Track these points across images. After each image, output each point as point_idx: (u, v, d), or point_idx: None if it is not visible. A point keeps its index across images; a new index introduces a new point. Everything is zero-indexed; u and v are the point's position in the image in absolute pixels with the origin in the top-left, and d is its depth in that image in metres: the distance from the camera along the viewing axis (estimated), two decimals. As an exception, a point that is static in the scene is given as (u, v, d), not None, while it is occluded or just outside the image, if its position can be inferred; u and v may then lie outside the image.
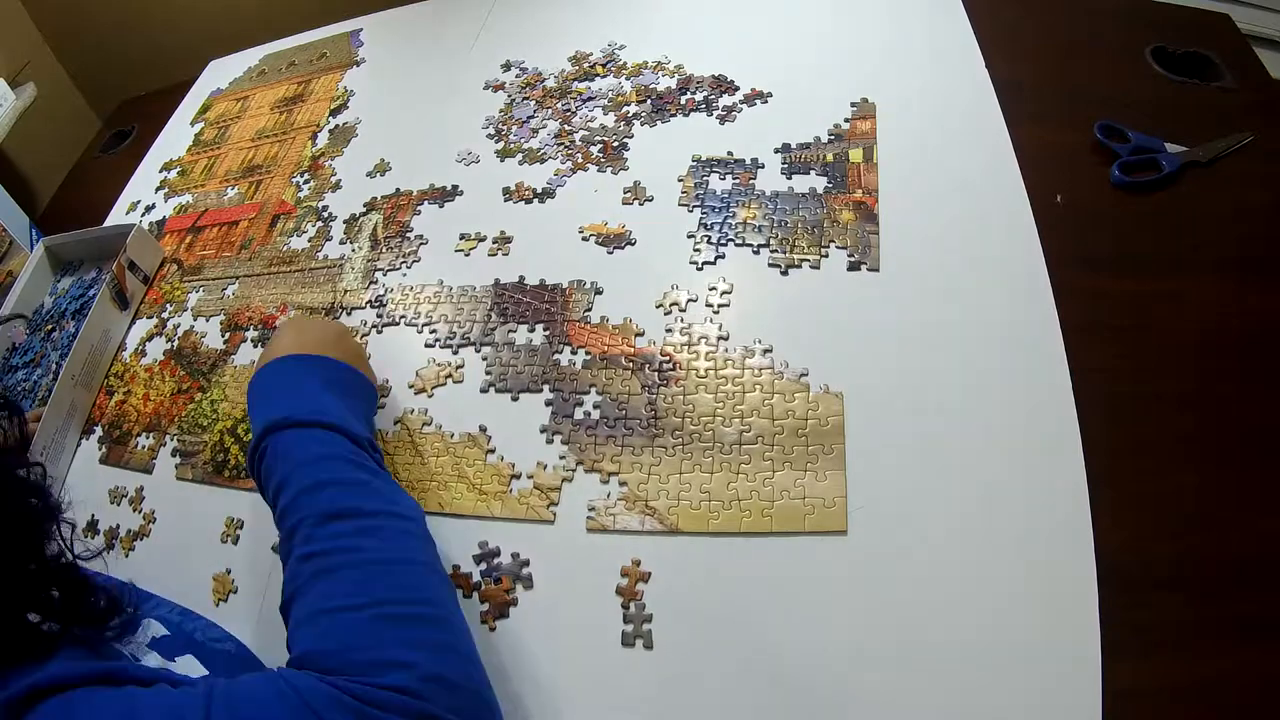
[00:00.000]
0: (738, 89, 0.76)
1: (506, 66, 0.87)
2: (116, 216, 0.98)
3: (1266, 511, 0.48)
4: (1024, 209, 0.60)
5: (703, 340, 0.59)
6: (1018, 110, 0.66)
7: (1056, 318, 0.54)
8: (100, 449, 0.75)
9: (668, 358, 0.59)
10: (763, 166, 0.69)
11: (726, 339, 0.59)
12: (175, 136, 1.07)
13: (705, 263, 0.63)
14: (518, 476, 0.57)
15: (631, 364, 0.59)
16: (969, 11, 0.75)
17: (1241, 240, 0.61)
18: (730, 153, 0.71)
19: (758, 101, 0.74)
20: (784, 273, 0.61)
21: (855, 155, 0.67)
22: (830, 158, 0.67)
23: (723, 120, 0.73)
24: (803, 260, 0.61)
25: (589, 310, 0.63)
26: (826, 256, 0.61)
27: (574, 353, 0.61)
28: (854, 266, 0.60)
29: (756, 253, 0.63)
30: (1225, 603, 0.45)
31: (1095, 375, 0.52)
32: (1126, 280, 0.59)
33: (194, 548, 0.63)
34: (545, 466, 0.57)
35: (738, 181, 0.68)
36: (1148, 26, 0.75)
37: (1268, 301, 0.57)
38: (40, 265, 0.89)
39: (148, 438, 0.73)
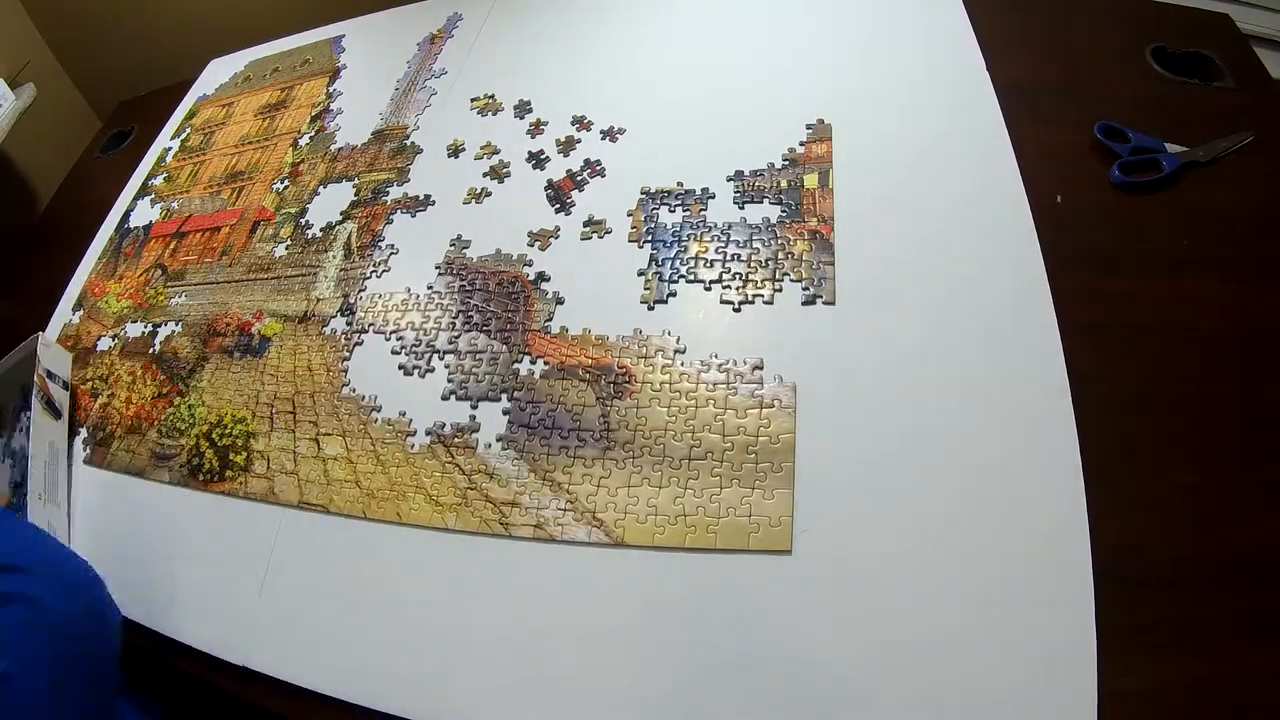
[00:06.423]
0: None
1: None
2: (114, 218, 1.05)
3: (1265, 511, 0.50)
4: (1023, 209, 0.62)
5: (659, 353, 0.62)
6: (1018, 110, 0.68)
7: (1055, 318, 0.56)
8: (85, 450, 0.81)
9: (624, 370, 0.62)
10: (714, 196, 0.70)
11: (683, 352, 0.61)
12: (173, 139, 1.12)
13: (656, 301, 0.65)
14: (473, 488, 0.60)
15: (589, 375, 0.62)
16: (969, 11, 0.76)
17: (1241, 240, 0.62)
18: (680, 183, 0.72)
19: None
20: (736, 309, 0.63)
21: (810, 181, 0.68)
22: (784, 184, 0.68)
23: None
24: (756, 295, 0.63)
25: (549, 320, 0.67)
26: (780, 291, 0.62)
27: (533, 362, 0.65)
28: (809, 301, 0.61)
29: (709, 289, 0.64)
30: (1223, 603, 0.47)
31: (1094, 375, 0.54)
32: (1126, 280, 0.60)
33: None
34: (498, 479, 0.60)
35: (688, 214, 0.69)
36: (1148, 26, 0.76)
37: (1268, 301, 0.58)
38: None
39: (127, 439, 0.78)
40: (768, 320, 0.62)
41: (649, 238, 0.69)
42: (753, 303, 0.63)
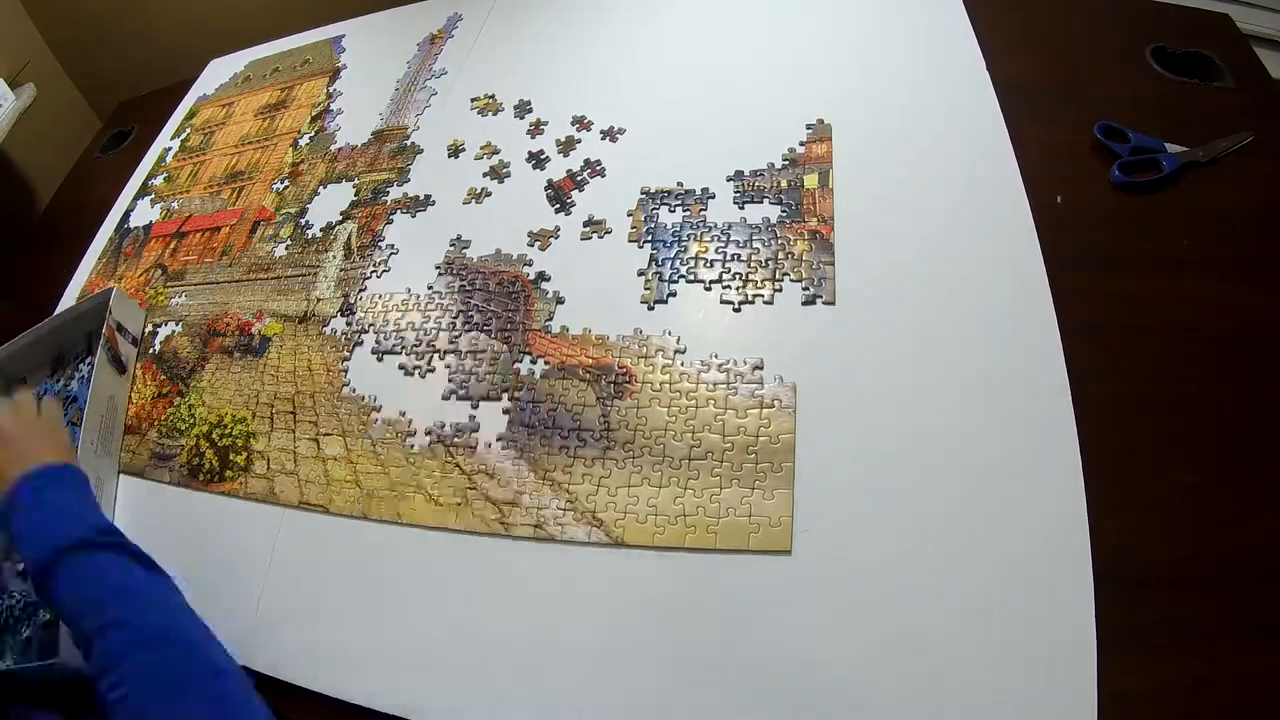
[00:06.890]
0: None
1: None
2: (113, 218, 1.05)
3: (1265, 511, 0.50)
4: (1023, 209, 0.62)
5: (659, 353, 0.62)
6: (1018, 110, 0.68)
7: (1055, 318, 0.56)
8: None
9: (624, 370, 0.62)
10: (714, 196, 0.70)
11: (684, 352, 0.61)
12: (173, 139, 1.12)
13: (656, 301, 0.65)
14: (473, 488, 0.60)
15: (589, 375, 0.62)
16: (969, 11, 0.76)
17: (1241, 240, 0.62)
18: (680, 183, 0.72)
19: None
20: (736, 309, 0.63)
21: (810, 181, 0.68)
22: (784, 184, 0.68)
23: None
24: (756, 295, 0.63)
25: (550, 320, 0.67)
26: (780, 291, 0.62)
27: (534, 362, 0.65)
28: (809, 301, 0.61)
29: (709, 289, 0.64)
30: (1223, 603, 0.47)
31: (1094, 375, 0.54)
32: (1126, 280, 0.60)
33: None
34: (498, 479, 0.60)
35: (688, 214, 0.69)
36: (1148, 26, 0.76)
37: (1268, 301, 0.58)
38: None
39: (127, 439, 0.78)
40: (768, 320, 0.62)
41: (649, 238, 0.69)
42: (753, 303, 0.63)
